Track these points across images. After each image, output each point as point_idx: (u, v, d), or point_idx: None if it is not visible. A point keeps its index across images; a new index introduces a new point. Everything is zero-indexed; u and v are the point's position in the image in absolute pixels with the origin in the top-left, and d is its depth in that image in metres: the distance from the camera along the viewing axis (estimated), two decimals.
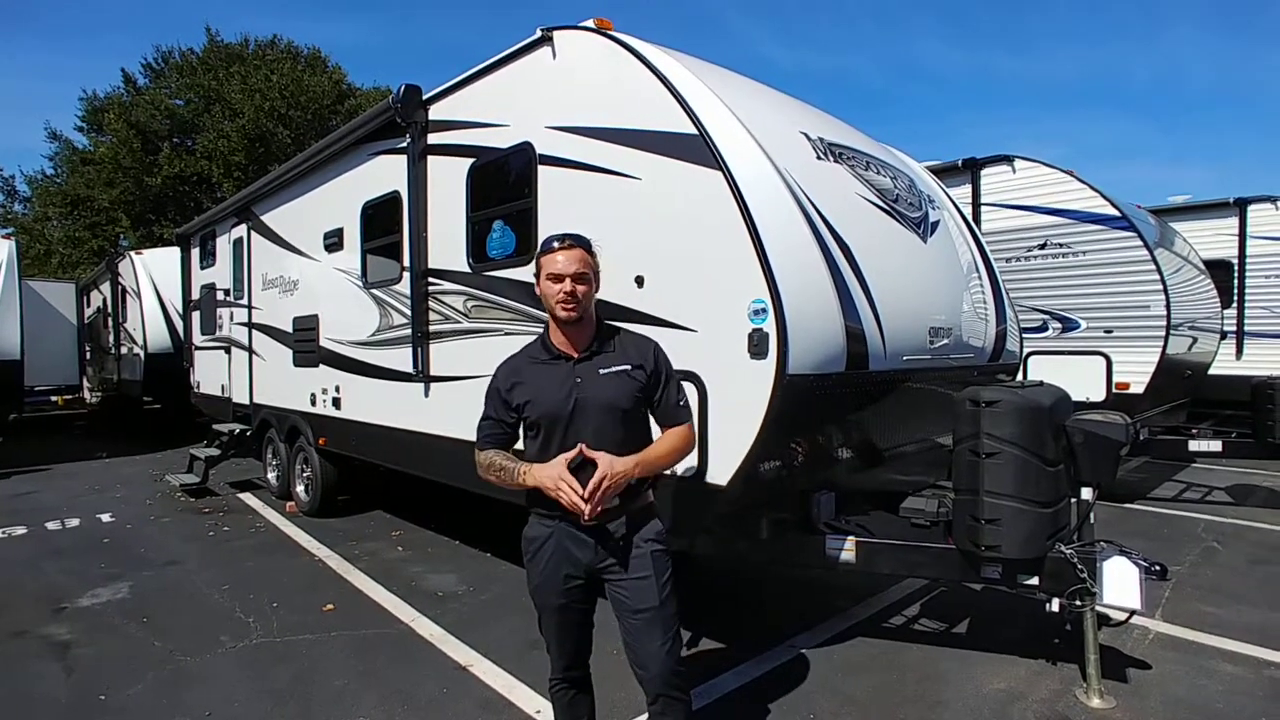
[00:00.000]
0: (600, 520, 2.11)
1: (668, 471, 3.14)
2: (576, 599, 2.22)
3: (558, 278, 2.12)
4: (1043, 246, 7.25)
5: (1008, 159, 7.58)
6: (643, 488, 2.25)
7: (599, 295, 2.32)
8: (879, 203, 3.80)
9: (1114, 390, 6.75)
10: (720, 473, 3.01)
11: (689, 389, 3.00)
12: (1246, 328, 9.26)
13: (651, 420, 2.31)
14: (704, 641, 3.77)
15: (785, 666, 3.51)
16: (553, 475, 2.05)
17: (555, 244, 2.17)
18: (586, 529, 2.13)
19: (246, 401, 7.98)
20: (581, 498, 2.01)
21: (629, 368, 2.19)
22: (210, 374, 9.24)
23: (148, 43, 42.09)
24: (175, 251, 11.02)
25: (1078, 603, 3.04)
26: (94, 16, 43.55)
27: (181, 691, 3.34)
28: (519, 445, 2.31)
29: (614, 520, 2.17)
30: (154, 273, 12.41)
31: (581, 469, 2.07)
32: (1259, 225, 9.23)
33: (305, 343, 6.53)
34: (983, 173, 7.72)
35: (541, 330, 2.30)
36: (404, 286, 5.00)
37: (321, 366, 6.27)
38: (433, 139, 4.75)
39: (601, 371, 2.17)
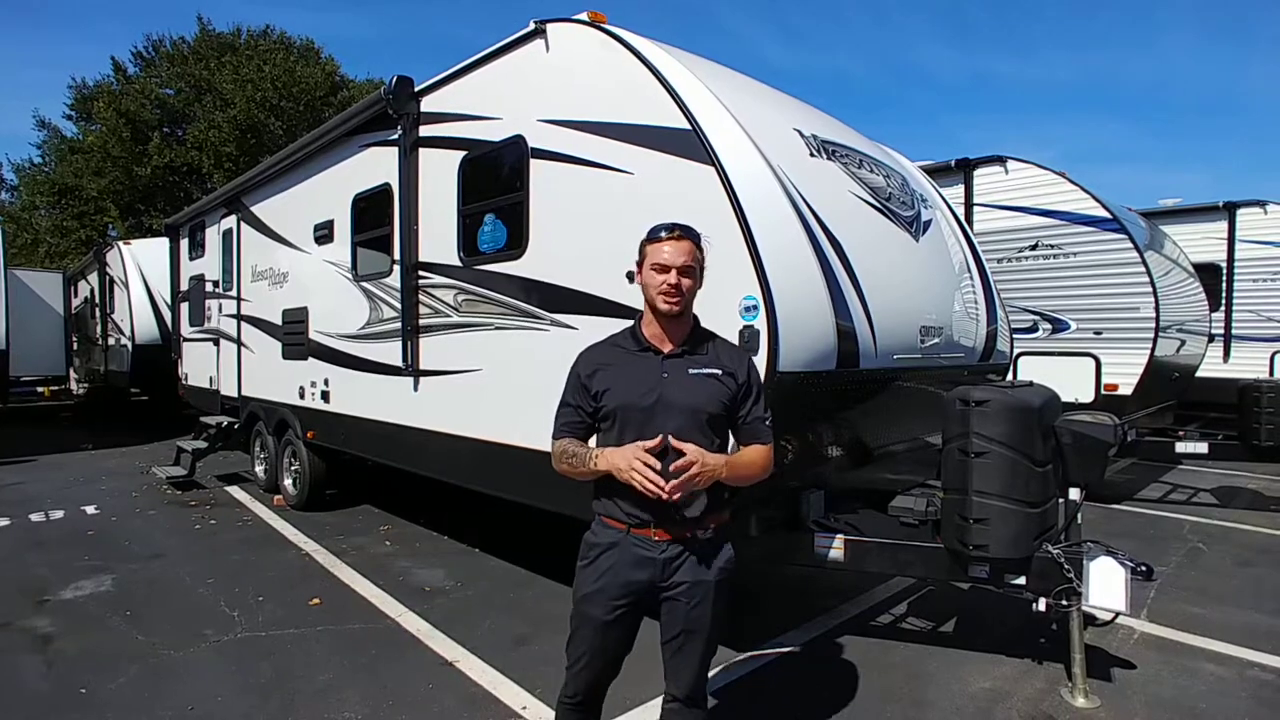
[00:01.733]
0: (677, 531, 1.99)
1: None
2: (624, 618, 2.05)
3: (663, 268, 1.99)
4: (1034, 247, 7.28)
5: (1000, 160, 7.60)
6: (725, 500, 2.10)
7: (589, 289, 2.29)
8: (872, 201, 3.80)
9: (1103, 391, 6.79)
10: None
11: None
12: (1234, 331, 9.33)
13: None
14: None
15: (773, 664, 3.51)
16: (628, 455, 1.89)
17: (663, 233, 2.03)
18: (656, 546, 1.99)
19: (235, 394, 7.92)
20: (660, 484, 1.85)
21: (720, 373, 2.06)
22: (198, 366, 9.16)
23: (139, 31, 41.78)
24: (164, 242, 10.90)
25: (1064, 602, 3.06)
26: (84, 3, 43.15)
27: (164, 685, 3.31)
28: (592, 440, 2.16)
29: (691, 533, 2.02)
30: (142, 263, 12.30)
31: (662, 462, 1.90)
32: (1248, 229, 9.29)
33: (294, 335, 6.48)
34: (975, 173, 7.74)
35: (632, 322, 2.15)
36: (394, 280, 4.97)
37: (310, 360, 6.22)
38: (424, 131, 4.71)
39: (691, 371, 2.04)
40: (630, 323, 2.18)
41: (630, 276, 3.25)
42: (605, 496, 2.05)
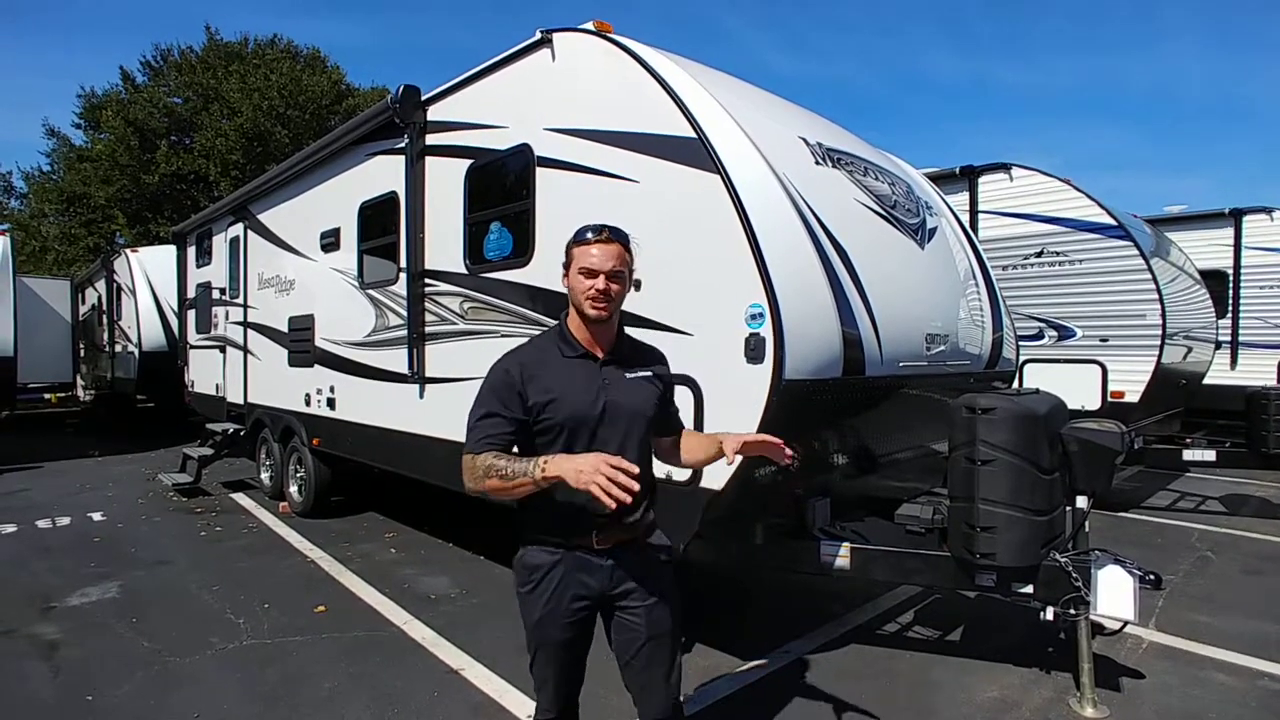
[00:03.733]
0: (618, 536, 1.94)
1: (661, 476, 3.14)
2: (581, 632, 2.00)
3: (590, 273, 1.90)
4: (1039, 254, 7.26)
5: (1005, 167, 7.60)
6: (653, 491, 2.09)
7: None
8: (877, 208, 3.80)
9: (1109, 399, 6.76)
10: (715, 477, 2.99)
11: (685, 393, 3.00)
12: (1241, 338, 9.28)
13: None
14: (697, 647, 3.75)
15: (779, 672, 3.49)
16: (593, 462, 1.69)
17: (590, 235, 1.93)
18: (599, 552, 1.94)
19: (241, 401, 7.95)
20: (625, 496, 1.69)
21: (651, 374, 2.05)
22: (205, 373, 9.20)
23: (147, 40, 42.01)
24: (171, 250, 10.99)
25: (1072, 611, 3.04)
26: (94, 13, 43.55)
27: (169, 693, 3.31)
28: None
29: (632, 536, 1.98)
30: (150, 271, 12.37)
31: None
32: (1254, 236, 9.26)
33: (300, 343, 6.51)
34: (980, 180, 7.74)
35: (556, 325, 2.07)
36: (400, 287, 4.99)
37: (316, 367, 6.24)
38: (431, 140, 4.74)
39: (628, 376, 2.00)
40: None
41: (636, 284, 3.27)
42: (535, 516, 1.95)
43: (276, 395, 7.12)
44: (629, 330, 2.19)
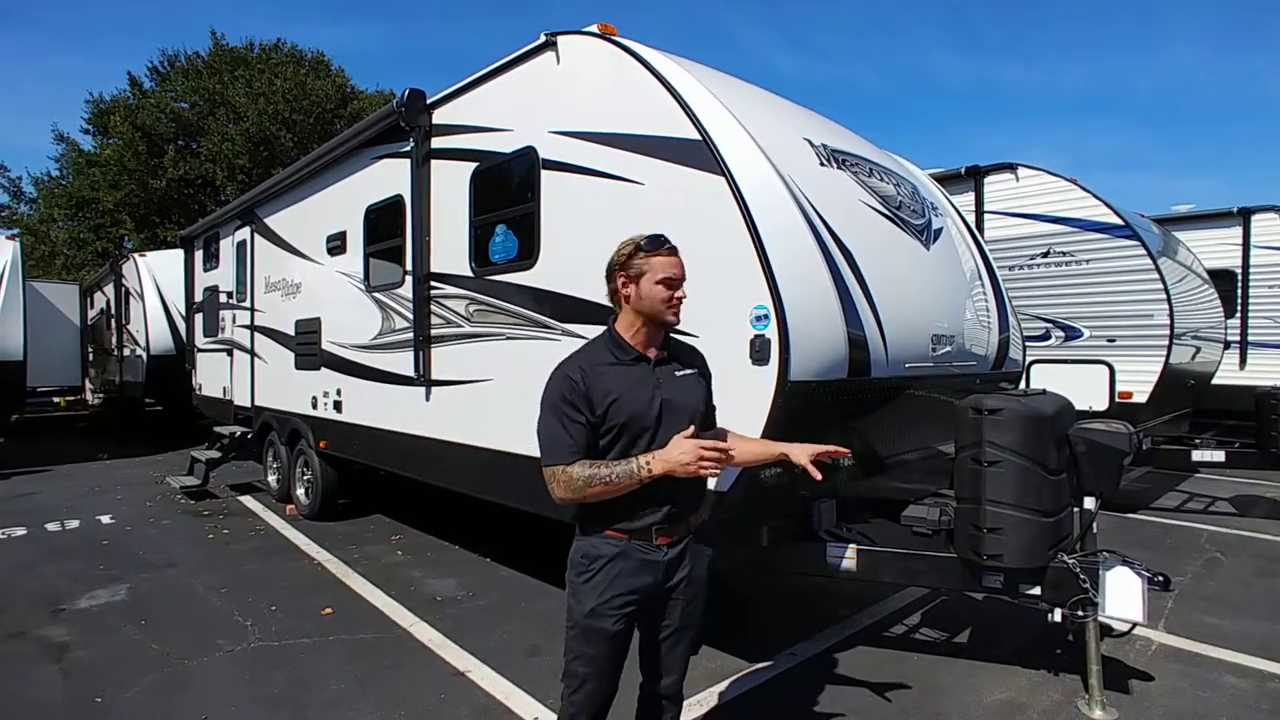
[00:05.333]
0: (679, 532, 2.05)
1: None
2: (628, 626, 2.04)
3: (671, 283, 2.03)
4: (1046, 254, 7.24)
5: (1011, 167, 7.57)
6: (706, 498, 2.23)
7: (600, 299, 2.29)
8: (882, 209, 3.79)
9: (1117, 399, 6.72)
10: (721, 479, 2.99)
11: None
12: (1250, 338, 9.22)
13: None
14: (704, 650, 3.74)
15: (786, 675, 3.49)
16: (688, 448, 1.88)
17: (665, 248, 2.06)
18: (659, 548, 2.01)
19: (248, 404, 7.98)
20: (724, 458, 1.91)
21: (697, 371, 2.17)
22: (212, 376, 9.24)
23: (154, 46, 42.31)
24: (179, 254, 11.03)
25: (1080, 613, 3.02)
26: (101, 20, 43.88)
27: (178, 695, 3.33)
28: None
29: (690, 531, 2.10)
30: (157, 275, 12.42)
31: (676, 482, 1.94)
32: (1263, 235, 9.19)
33: (307, 346, 6.53)
34: (986, 180, 7.71)
35: (605, 329, 2.13)
36: (406, 290, 5.00)
37: (323, 370, 6.26)
38: (436, 143, 4.75)
39: (678, 374, 2.10)
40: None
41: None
42: (603, 509, 1.99)
43: (283, 398, 7.15)
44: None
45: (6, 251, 10.60)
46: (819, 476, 2.16)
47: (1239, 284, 9.27)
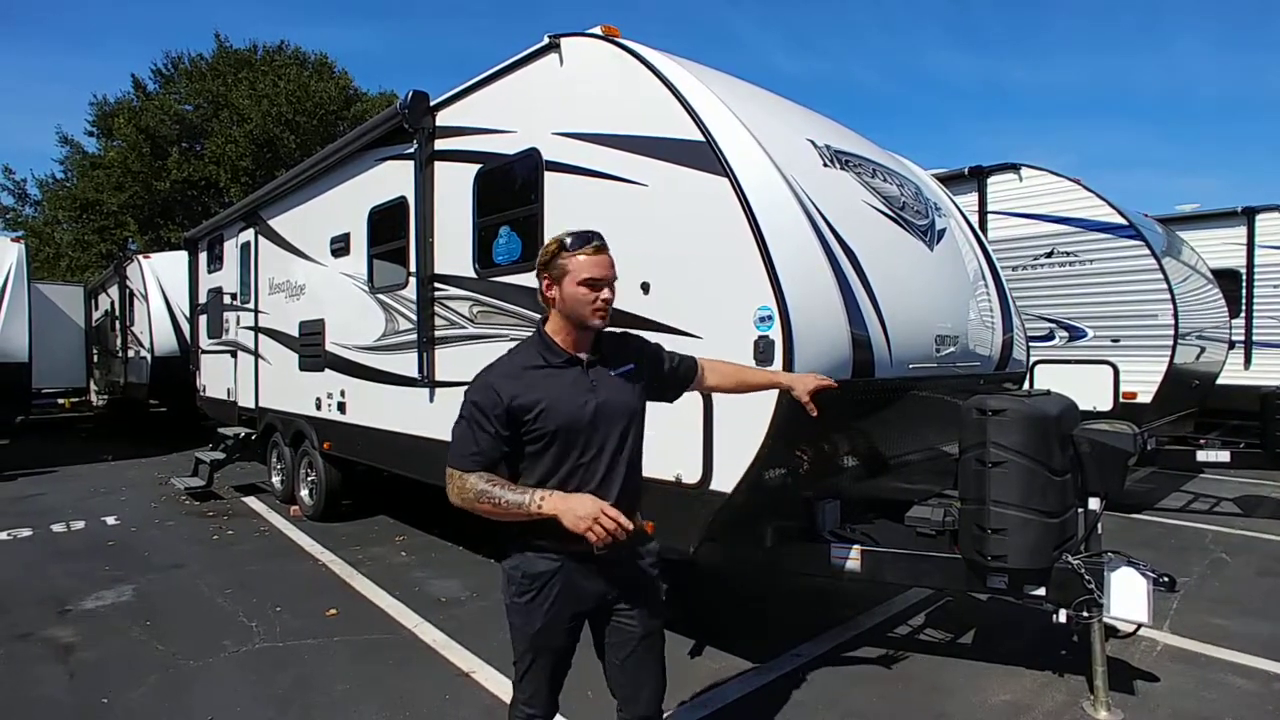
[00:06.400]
0: (614, 547, 1.86)
1: (670, 479, 3.15)
2: (576, 638, 2.02)
3: (595, 284, 1.91)
4: (1049, 255, 7.22)
5: (1014, 167, 7.56)
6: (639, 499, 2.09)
7: None
8: (885, 210, 3.79)
9: (1121, 399, 6.70)
10: (725, 480, 2.99)
11: (694, 396, 3.00)
12: (1255, 337, 9.19)
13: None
14: (707, 650, 3.75)
15: (789, 675, 3.48)
16: (590, 508, 1.75)
17: (589, 246, 1.94)
18: (597, 558, 1.90)
19: (252, 405, 8.00)
20: (620, 534, 1.77)
21: (632, 367, 2.05)
22: (216, 377, 9.27)
23: (158, 48, 42.37)
24: (183, 255, 11.07)
25: (1085, 614, 3.02)
26: (105, 22, 43.98)
27: (183, 695, 3.34)
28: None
29: (628, 545, 1.96)
30: (161, 276, 12.47)
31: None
32: (1267, 234, 9.16)
33: (311, 347, 6.55)
34: (989, 181, 7.70)
35: (534, 333, 2.06)
36: (410, 291, 5.01)
37: (327, 371, 6.28)
38: (439, 145, 4.76)
39: (613, 374, 2.00)
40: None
41: (645, 287, 3.28)
42: (536, 529, 1.88)
43: (288, 399, 7.16)
44: (638, 333, 2.21)
45: (11, 254, 10.64)
46: (815, 412, 2.28)
47: (1244, 283, 9.24)
